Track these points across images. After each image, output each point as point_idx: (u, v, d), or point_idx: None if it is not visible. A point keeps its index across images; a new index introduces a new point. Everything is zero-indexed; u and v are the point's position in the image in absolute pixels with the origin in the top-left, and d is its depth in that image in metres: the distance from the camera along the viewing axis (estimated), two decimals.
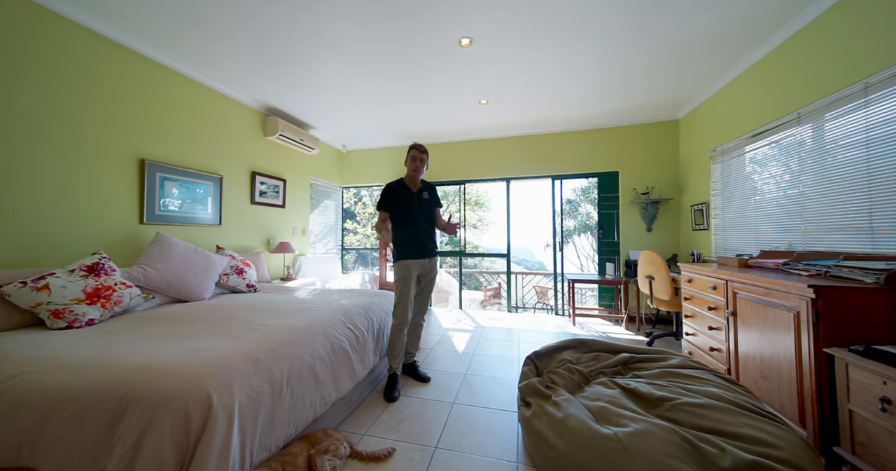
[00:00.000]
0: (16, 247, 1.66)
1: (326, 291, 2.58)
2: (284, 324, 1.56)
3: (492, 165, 4.15)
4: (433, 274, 2.10)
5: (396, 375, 1.94)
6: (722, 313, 1.81)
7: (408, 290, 1.94)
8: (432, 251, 2.06)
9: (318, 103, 3.22)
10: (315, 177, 4.24)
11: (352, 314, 1.89)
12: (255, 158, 3.19)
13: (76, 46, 1.88)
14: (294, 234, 3.80)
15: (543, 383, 1.53)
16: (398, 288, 1.95)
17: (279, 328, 1.50)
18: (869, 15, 1.59)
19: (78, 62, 1.88)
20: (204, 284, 2.10)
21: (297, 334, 1.46)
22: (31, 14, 1.71)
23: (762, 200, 2.28)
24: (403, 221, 1.99)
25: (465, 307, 4.59)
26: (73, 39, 1.86)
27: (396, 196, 1.98)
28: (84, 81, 1.91)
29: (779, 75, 2.14)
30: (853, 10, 1.67)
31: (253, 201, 3.15)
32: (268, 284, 2.92)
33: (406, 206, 1.99)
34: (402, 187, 2.02)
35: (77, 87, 1.88)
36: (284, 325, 1.55)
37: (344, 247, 5.01)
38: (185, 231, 2.50)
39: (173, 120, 2.42)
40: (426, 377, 2.06)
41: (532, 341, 2.89)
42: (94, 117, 1.96)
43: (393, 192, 1.99)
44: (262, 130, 3.28)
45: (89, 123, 1.93)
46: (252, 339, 1.35)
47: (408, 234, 1.99)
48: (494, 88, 2.92)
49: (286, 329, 1.49)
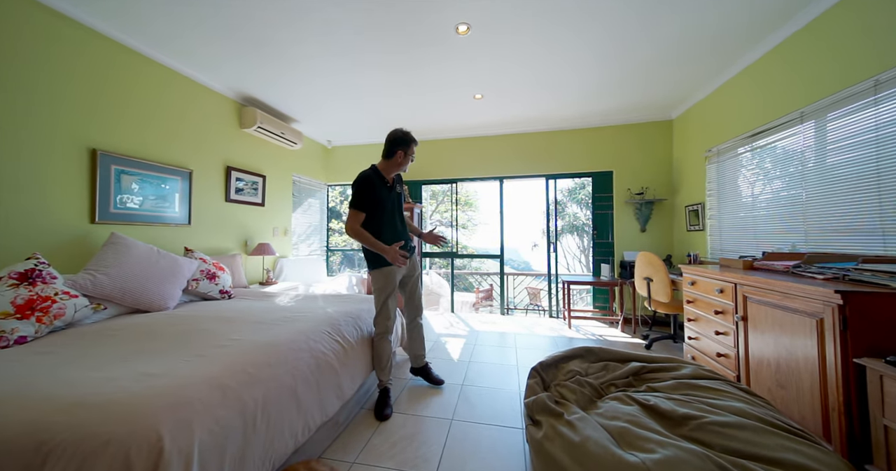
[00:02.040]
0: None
1: (310, 297, 2.38)
2: (261, 339, 1.37)
3: (485, 163, 4.03)
4: (416, 272, 1.93)
5: (388, 389, 1.76)
6: (730, 318, 1.74)
7: (392, 299, 1.74)
8: (412, 250, 1.87)
9: (301, 95, 3.00)
10: (298, 174, 3.99)
11: (339, 324, 1.70)
12: (230, 152, 2.93)
13: (9, 14, 1.60)
14: (275, 234, 3.54)
15: (553, 398, 1.40)
16: (379, 299, 1.73)
17: (255, 344, 1.30)
18: (874, 12, 1.56)
19: (11, 33, 1.61)
20: (168, 291, 1.86)
21: (277, 352, 1.27)
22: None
23: (761, 201, 2.25)
24: (381, 220, 1.71)
25: (458, 310, 4.45)
26: (8, 7, 1.59)
27: (376, 192, 1.67)
28: (20, 56, 1.63)
29: (779, 74, 2.11)
30: (857, 8, 1.63)
31: (228, 199, 2.89)
32: (245, 289, 2.67)
33: (383, 203, 1.70)
34: (379, 178, 1.71)
35: (8, 62, 1.60)
36: (261, 340, 1.35)
37: (329, 248, 4.76)
38: (148, 231, 2.23)
39: (132, 107, 2.15)
40: (440, 380, 1.96)
41: (529, 347, 2.78)
42: (34, 99, 1.68)
43: (373, 186, 1.66)
44: (238, 121, 3.02)
45: (26, 104, 1.66)
46: (221, 359, 1.15)
47: (393, 234, 1.73)
48: (490, 83, 2.79)
49: (263, 345, 1.30)
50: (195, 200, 2.57)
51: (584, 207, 11.68)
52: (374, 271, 1.73)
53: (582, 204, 11.67)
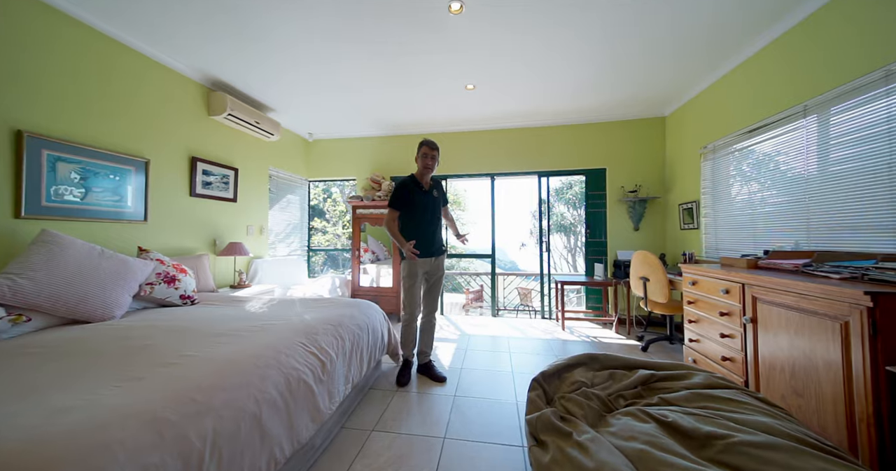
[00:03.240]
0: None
1: (286, 302, 2.15)
2: (219, 355, 1.15)
3: (476, 159, 3.88)
4: (440, 273, 2.13)
5: (409, 362, 2.10)
6: (737, 320, 1.66)
7: (415, 288, 2.01)
8: (439, 250, 2.10)
9: (279, 82, 2.75)
10: (276, 168, 3.71)
11: (316, 334, 1.50)
12: (195, 141, 2.65)
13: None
14: (249, 233, 3.27)
15: (558, 414, 1.26)
16: (405, 285, 2.02)
17: (210, 362, 1.09)
18: (880, 3, 1.50)
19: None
20: (113, 298, 1.59)
21: (237, 371, 1.06)
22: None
23: (760, 198, 2.20)
24: (413, 220, 2.00)
25: (447, 312, 4.29)
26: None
27: (411, 195, 1.98)
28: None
29: (779, 68, 2.05)
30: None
31: (193, 193, 2.60)
32: (212, 293, 2.41)
33: (417, 205, 1.99)
34: (415, 185, 2.02)
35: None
36: (220, 356, 1.14)
37: (311, 248, 4.49)
38: (93, 229, 1.95)
39: (74, 84, 1.86)
40: (442, 377, 2.04)
41: (523, 351, 2.65)
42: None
43: (408, 190, 1.98)
44: (205, 107, 2.73)
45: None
46: (164, 383, 0.94)
47: (416, 233, 1.99)
48: (483, 72, 2.63)
49: (221, 363, 1.08)
50: (153, 193, 2.29)
51: (571, 207, 11.78)
52: (403, 262, 2.04)
53: (569, 204, 11.75)
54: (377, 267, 3.93)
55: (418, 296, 2.05)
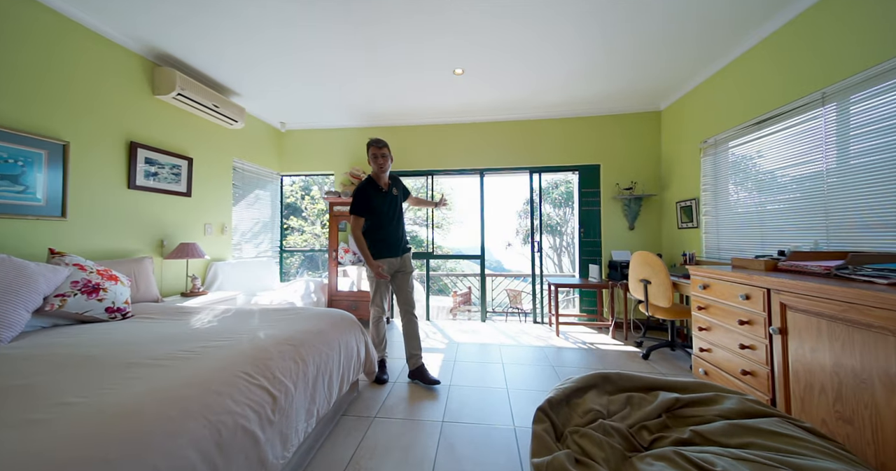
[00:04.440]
0: None
1: (243, 314, 1.82)
2: (117, 401, 0.83)
3: (464, 154, 3.62)
4: (407, 269, 2.11)
5: (384, 360, 2.10)
6: (760, 329, 1.47)
7: (381, 288, 2.04)
8: (404, 249, 2.09)
9: (241, 59, 2.39)
10: (241, 159, 3.32)
11: (269, 359, 1.19)
12: (136, 124, 2.25)
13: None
14: (207, 232, 2.87)
15: (573, 457, 1.01)
16: (373, 285, 2.04)
17: (94, 417, 0.76)
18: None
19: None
20: None
21: (132, 429, 0.74)
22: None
23: (769, 194, 2.05)
24: (377, 223, 1.99)
25: (434, 317, 4.01)
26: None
27: (372, 199, 1.95)
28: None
29: (794, 53, 1.90)
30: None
31: (133, 185, 2.20)
32: (153, 304, 2.03)
33: (378, 208, 1.97)
34: (373, 188, 1.98)
35: None
36: (115, 403, 0.82)
37: (284, 248, 4.10)
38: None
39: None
40: (435, 380, 1.98)
41: (517, 361, 2.41)
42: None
43: (367, 194, 1.95)
44: (149, 84, 2.33)
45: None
46: (8, 456, 0.61)
47: (379, 235, 1.99)
48: (473, 54, 2.38)
49: (111, 417, 0.77)
50: (76, 184, 1.89)
51: (556, 207, 11.79)
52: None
53: (555, 203, 11.74)
54: (358, 269, 3.59)
55: (385, 292, 2.07)
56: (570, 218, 12.17)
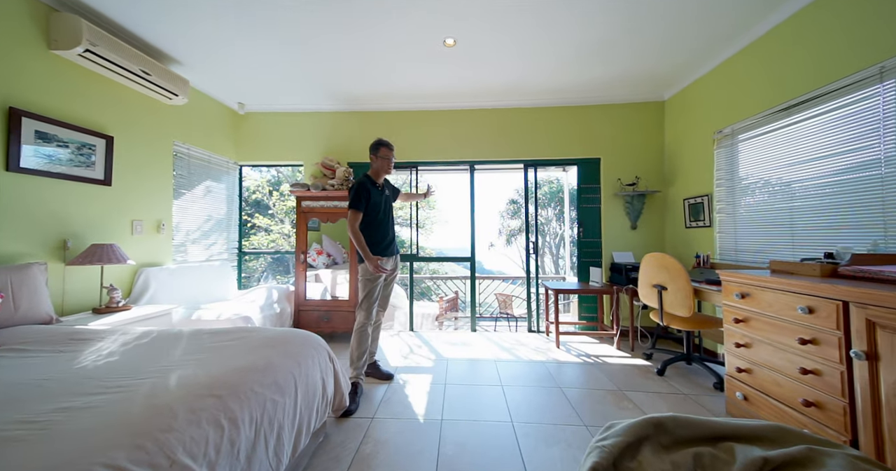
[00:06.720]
0: None
1: (166, 338, 1.35)
2: None
3: (452, 144, 3.23)
4: (397, 270, 2.10)
5: (358, 384, 1.81)
6: (832, 351, 1.19)
7: (375, 289, 1.92)
8: (396, 249, 2.07)
9: (180, 14, 1.87)
10: (186, 143, 2.75)
11: (169, 429, 0.76)
12: (20, 86, 1.68)
13: None
14: (136, 231, 2.31)
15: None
16: (365, 287, 1.91)
17: None
18: None
19: None
20: None
21: None
22: None
23: (804, 188, 1.82)
24: (374, 221, 1.94)
25: (418, 326, 3.59)
26: None
27: (371, 196, 1.89)
28: None
29: (841, 24, 1.66)
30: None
31: (14, 167, 1.64)
32: (41, 327, 1.49)
33: (376, 206, 1.94)
34: (373, 186, 1.94)
35: None
36: None
37: (242, 251, 3.54)
38: None
39: None
40: (388, 375, 2.04)
41: (518, 382, 2.05)
42: None
43: (368, 191, 1.88)
44: (42, 35, 1.77)
45: None
46: None
47: (378, 234, 1.95)
48: (465, 22, 2.00)
49: None
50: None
51: (541, 207, 11.69)
52: (361, 264, 1.89)
53: (540, 204, 11.65)
54: (333, 273, 3.11)
55: (376, 299, 1.95)
56: (552, 219, 12.11)
